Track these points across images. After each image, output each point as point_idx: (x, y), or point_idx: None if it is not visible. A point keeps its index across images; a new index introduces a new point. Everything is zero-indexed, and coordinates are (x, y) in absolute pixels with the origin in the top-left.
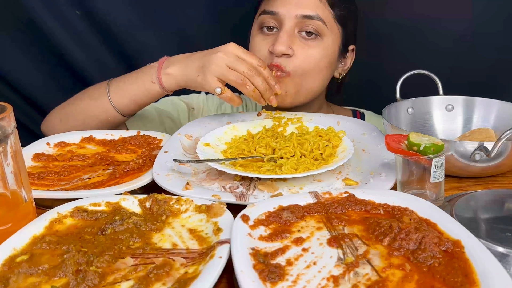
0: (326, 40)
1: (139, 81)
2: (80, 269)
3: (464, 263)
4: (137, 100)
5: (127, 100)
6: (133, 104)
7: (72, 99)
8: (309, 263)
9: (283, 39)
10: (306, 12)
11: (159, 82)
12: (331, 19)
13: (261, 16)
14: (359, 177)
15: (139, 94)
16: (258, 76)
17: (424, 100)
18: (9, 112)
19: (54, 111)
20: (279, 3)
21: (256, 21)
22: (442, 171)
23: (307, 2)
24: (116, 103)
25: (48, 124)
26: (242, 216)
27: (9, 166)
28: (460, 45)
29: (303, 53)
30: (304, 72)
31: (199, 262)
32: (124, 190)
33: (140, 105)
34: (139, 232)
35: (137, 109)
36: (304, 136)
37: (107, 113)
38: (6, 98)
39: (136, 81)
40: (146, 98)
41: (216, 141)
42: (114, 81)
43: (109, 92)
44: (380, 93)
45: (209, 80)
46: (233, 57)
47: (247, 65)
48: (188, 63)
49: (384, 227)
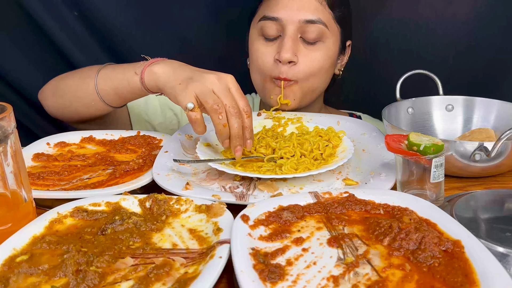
0: (328, 43)
1: (125, 71)
2: (80, 269)
3: (464, 263)
4: (117, 89)
5: (109, 88)
6: (113, 93)
7: (68, 74)
8: (309, 263)
9: (288, 45)
10: (308, 16)
11: (140, 76)
12: (331, 21)
13: (262, 22)
14: (359, 177)
15: (120, 84)
16: (237, 118)
17: (424, 100)
18: (9, 112)
19: (51, 82)
20: (280, 8)
21: (256, 26)
22: (442, 171)
23: (308, 6)
24: (99, 88)
25: (43, 94)
26: (242, 216)
27: (9, 166)
28: (460, 45)
29: (308, 59)
30: (311, 75)
31: (199, 262)
32: (124, 190)
33: (121, 96)
34: (139, 232)
35: (118, 100)
36: (304, 136)
37: (90, 97)
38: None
39: (123, 71)
40: (126, 90)
41: (216, 141)
42: (106, 67)
43: (97, 76)
44: (379, 93)
45: (187, 92)
46: (224, 86)
47: (233, 103)
48: (177, 70)
49: (384, 227)
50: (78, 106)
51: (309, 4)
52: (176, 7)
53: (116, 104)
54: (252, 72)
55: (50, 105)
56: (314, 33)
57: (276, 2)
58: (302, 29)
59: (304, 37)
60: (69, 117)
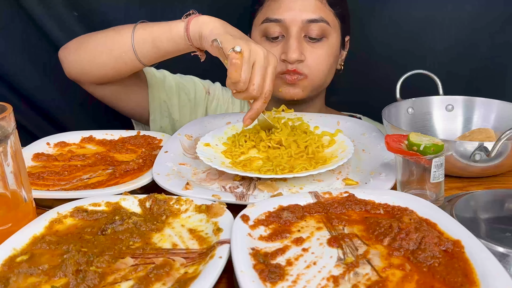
0: (331, 39)
1: (167, 24)
2: (80, 269)
3: (464, 263)
4: (157, 38)
5: (148, 35)
6: (151, 40)
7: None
8: (309, 263)
9: (294, 46)
10: (311, 16)
11: (186, 23)
12: (333, 18)
13: (265, 24)
14: (359, 177)
15: (162, 30)
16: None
17: (424, 100)
18: (9, 112)
19: (77, 39)
20: (283, 10)
21: (258, 28)
22: (442, 171)
23: (310, 6)
24: (136, 37)
25: (66, 50)
26: (242, 216)
27: (9, 166)
28: (460, 45)
29: (313, 56)
30: (318, 71)
31: (199, 262)
32: (124, 190)
33: (157, 46)
34: (139, 232)
35: (152, 52)
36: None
37: (122, 48)
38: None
39: (165, 24)
40: (165, 38)
41: (216, 141)
42: (145, 23)
43: (135, 28)
44: (379, 94)
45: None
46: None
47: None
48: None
49: (384, 227)
50: (105, 59)
51: (310, 4)
52: (176, 7)
53: (149, 57)
54: None
55: (72, 61)
56: (317, 31)
57: (279, 4)
58: (306, 28)
59: (308, 35)
60: (89, 75)
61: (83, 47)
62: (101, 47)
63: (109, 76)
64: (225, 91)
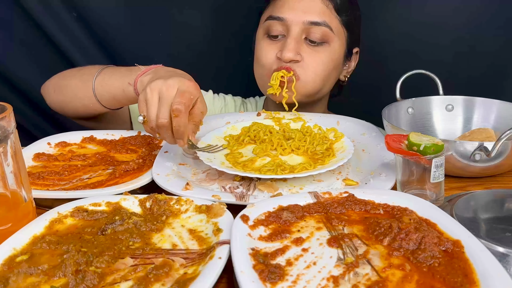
0: (333, 45)
1: (122, 79)
2: (79, 269)
3: (464, 263)
4: (114, 95)
5: (106, 93)
6: (111, 99)
7: (70, 71)
8: (309, 263)
9: (291, 45)
10: (313, 18)
11: (134, 86)
12: (337, 25)
13: (268, 22)
14: (359, 177)
15: (118, 92)
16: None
17: (424, 100)
18: (9, 112)
19: (53, 79)
20: (286, 9)
21: (262, 26)
22: (442, 171)
23: (314, 9)
24: (97, 93)
25: (45, 89)
26: (242, 216)
27: (9, 166)
28: (460, 45)
29: (311, 58)
30: (312, 74)
31: (198, 262)
32: (124, 190)
33: (119, 102)
34: (139, 232)
35: (115, 104)
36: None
37: (89, 99)
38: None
39: (120, 78)
40: (122, 98)
41: (216, 141)
42: (105, 71)
43: (95, 81)
44: (379, 93)
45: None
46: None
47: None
48: (158, 72)
49: (384, 227)
50: (78, 105)
51: (315, 7)
52: (174, 8)
53: (114, 107)
54: (255, 68)
55: (52, 101)
56: (318, 34)
57: (283, 3)
58: (307, 30)
59: (309, 37)
60: (70, 114)
61: (58, 91)
62: (71, 95)
63: (87, 115)
64: (217, 99)
